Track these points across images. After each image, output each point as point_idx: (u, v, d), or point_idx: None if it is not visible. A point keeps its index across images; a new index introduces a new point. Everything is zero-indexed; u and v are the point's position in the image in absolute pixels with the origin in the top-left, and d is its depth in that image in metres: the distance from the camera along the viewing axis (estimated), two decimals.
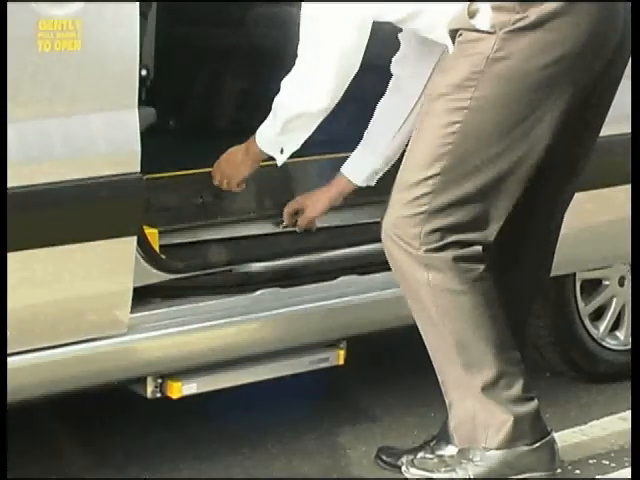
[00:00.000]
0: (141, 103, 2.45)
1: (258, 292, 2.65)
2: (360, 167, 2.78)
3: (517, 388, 2.41)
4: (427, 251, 2.31)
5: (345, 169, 2.80)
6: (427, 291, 2.35)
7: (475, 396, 2.40)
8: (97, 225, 2.35)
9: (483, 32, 2.28)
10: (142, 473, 2.70)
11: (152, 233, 2.57)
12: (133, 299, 2.47)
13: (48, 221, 2.27)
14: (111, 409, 2.98)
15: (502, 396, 2.41)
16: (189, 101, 3.68)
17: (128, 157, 2.39)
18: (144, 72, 2.59)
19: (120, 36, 2.33)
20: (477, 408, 2.42)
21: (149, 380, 2.54)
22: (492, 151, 2.31)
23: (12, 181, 2.14)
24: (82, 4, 2.24)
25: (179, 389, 2.54)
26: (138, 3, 2.35)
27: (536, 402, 2.45)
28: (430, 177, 2.32)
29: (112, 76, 2.34)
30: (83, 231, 2.33)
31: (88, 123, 2.32)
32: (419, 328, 2.42)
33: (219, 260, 2.73)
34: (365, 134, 2.80)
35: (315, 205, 2.83)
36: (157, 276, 2.56)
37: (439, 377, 2.43)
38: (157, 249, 2.59)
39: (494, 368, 2.39)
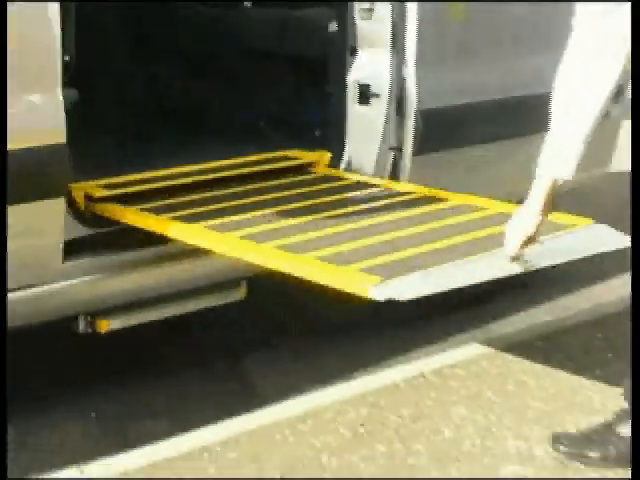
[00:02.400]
0: (65, 85, 2.65)
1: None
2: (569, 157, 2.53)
3: None
4: None
5: (549, 171, 2.54)
6: None
7: None
8: (31, 188, 2.57)
9: None
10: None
11: (80, 195, 2.79)
12: (65, 250, 2.70)
13: None
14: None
15: None
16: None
17: (55, 130, 2.61)
18: (67, 58, 2.75)
19: (44, 28, 2.56)
20: None
21: (80, 318, 2.81)
22: None
23: None
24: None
25: (106, 325, 2.82)
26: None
27: None
28: None
29: (40, 62, 2.57)
30: (21, 194, 2.52)
31: (23, 102, 2.53)
32: None
33: None
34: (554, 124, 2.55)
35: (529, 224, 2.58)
36: (84, 230, 2.79)
37: None
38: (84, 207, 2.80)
39: None
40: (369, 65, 3.29)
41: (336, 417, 2.85)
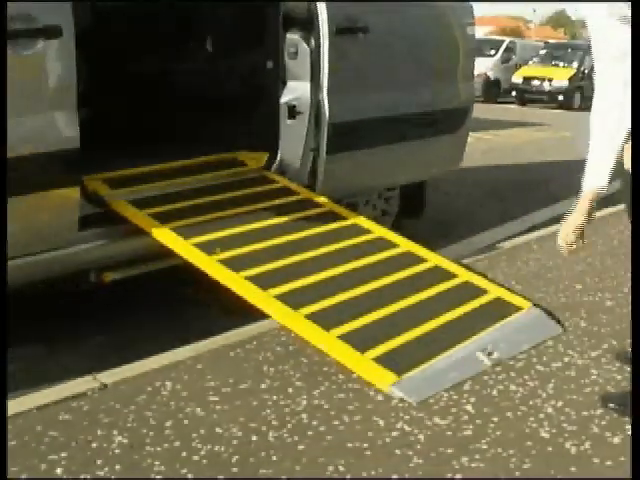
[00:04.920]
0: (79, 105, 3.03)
1: None
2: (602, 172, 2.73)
3: None
4: None
5: (589, 183, 2.75)
6: None
7: None
8: (56, 179, 3.00)
9: None
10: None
11: (90, 184, 3.32)
12: (80, 223, 3.15)
13: (33, 176, 2.89)
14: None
15: None
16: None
17: (72, 137, 3.01)
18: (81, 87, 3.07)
19: (66, 65, 2.96)
20: None
21: (91, 272, 3.31)
22: None
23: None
24: (39, 47, 2.84)
25: (109, 276, 3.33)
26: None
27: None
28: None
29: (62, 91, 2.97)
30: (48, 183, 2.97)
31: (50, 118, 2.94)
32: None
33: None
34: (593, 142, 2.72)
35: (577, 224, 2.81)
36: (92, 209, 3.30)
37: None
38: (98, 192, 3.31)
39: None
40: (295, 92, 3.83)
41: (273, 339, 3.11)
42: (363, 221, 3.76)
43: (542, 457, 2.37)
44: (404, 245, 3.59)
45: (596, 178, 2.79)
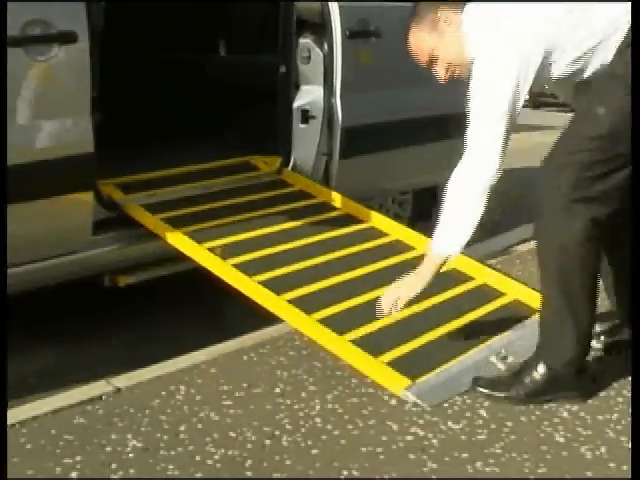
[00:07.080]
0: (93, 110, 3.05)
1: None
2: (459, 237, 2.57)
3: None
4: None
5: (441, 247, 2.59)
6: None
7: None
8: (70, 184, 3.02)
9: None
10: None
11: (104, 189, 3.32)
12: (94, 227, 3.18)
13: (46, 181, 2.92)
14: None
15: None
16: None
17: (86, 143, 3.02)
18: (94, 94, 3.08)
19: (80, 74, 2.99)
20: None
21: (105, 275, 3.34)
22: None
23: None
24: (54, 53, 2.87)
25: (124, 280, 3.34)
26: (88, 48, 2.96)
27: None
28: None
29: (76, 96, 3.00)
30: (62, 188, 3.00)
31: (65, 123, 2.97)
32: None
33: None
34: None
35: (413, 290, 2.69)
36: (106, 213, 3.31)
37: None
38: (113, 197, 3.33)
39: None
40: (308, 96, 3.84)
41: (286, 343, 3.10)
42: (380, 223, 3.73)
43: (557, 461, 2.35)
44: (422, 248, 3.53)
45: (453, 245, 2.58)
